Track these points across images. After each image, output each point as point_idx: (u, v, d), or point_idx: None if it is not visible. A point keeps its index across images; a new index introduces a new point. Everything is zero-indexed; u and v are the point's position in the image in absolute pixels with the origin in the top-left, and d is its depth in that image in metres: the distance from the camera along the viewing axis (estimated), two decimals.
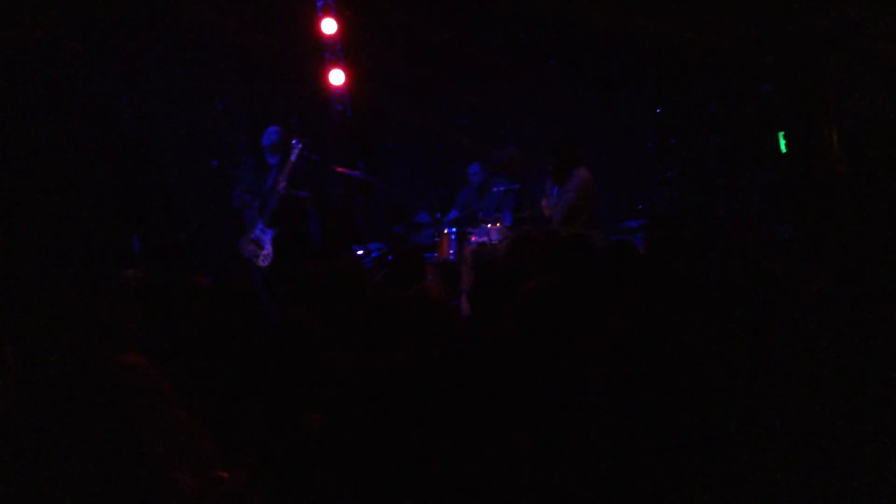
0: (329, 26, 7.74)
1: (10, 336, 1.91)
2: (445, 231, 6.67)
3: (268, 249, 6.20)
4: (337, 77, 7.90)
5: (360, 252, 7.19)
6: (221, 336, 2.88)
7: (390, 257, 6.84)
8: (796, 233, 5.53)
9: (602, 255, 3.10)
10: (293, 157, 6.18)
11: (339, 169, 7.23)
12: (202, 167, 7.72)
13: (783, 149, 6.38)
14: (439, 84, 8.04)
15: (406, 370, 2.36)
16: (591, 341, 2.37)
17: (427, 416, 2.28)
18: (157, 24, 7.40)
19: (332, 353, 2.61)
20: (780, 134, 6.35)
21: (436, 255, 6.70)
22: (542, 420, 2.22)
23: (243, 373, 2.62)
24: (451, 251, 6.55)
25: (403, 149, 8.65)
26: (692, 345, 2.22)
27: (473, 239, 6.39)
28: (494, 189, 6.85)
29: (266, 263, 6.19)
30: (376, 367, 2.46)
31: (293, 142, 6.21)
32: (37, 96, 6.74)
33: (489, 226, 6.38)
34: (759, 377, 2.21)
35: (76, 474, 1.49)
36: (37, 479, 1.48)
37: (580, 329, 2.40)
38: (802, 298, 2.61)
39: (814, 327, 2.41)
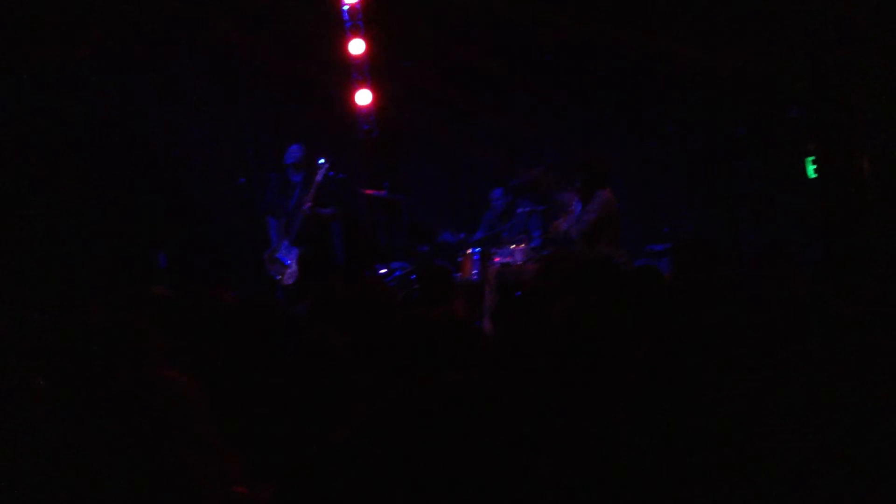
0: (357, 47, 7.81)
1: (41, 358, 1.94)
2: (469, 251, 6.67)
3: (293, 268, 6.25)
4: (364, 97, 7.96)
5: (383, 271, 7.20)
6: (246, 353, 2.89)
7: (413, 276, 6.85)
8: (825, 258, 5.47)
9: (628, 280, 3.09)
10: (319, 178, 6.22)
11: (365, 191, 7.28)
12: (230, 184, 7.80)
13: (811, 174, 6.32)
14: (465, 104, 8.07)
15: (430, 393, 2.36)
16: (617, 367, 2.36)
17: (451, 437, 2.27)
18: (187, 44, 7.52)
19: (357, 372, 2.61)
20: (808, 159, 6.29)
21: (459, 274, 6.70)
22: (566, 444, 2.20)
23: (267, 389, 2.63)
24: (475, 271, 6.55)
25: (429, 169, 8.67)
26: (719, 372, 2.20)
27: (497, 259, 6.38)
28: (519, 210, 6.85)
29: (291, 281, 6.23)
30: (402, 390, 2.46)
31: (319, 161, 6.26)
32: (70, 114, 6.87)
33: (513, 246, 6.37)
34: (788, 404, 2.19)
35: (108, 490, 1.50)
36: (69, 493, 1.49)
37: (607, 354, 2.38)
38: (831, 325, 2.58)
39: (841, 355, 2.38)
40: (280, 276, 6.31)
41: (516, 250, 6.30)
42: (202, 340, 2.87)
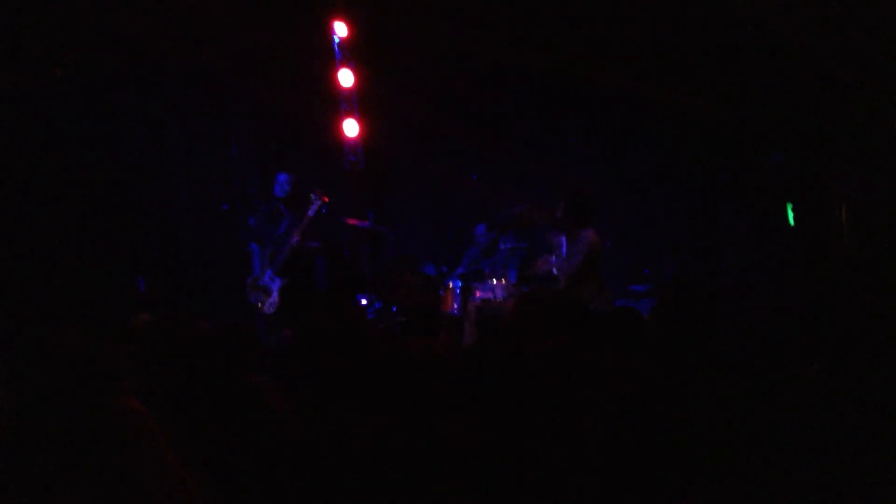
0: (346, 78, 7.87)
1: (9, 375, 1.91)
2: (450, 285, 6.67)
3: (274, 297, 6.23)
4: (351, 128, 8.00)
5: (364, 302, 7.18)
6: (220, 382, 2.86)
7: (395, 308, 6.84)
8: (803, 304, 5.52)
9: (606, 321, 3.10)
10: (311, 212, 6.22)
11: (349, 221, 7.29)
12: (213, 210, 7.78)
13: (791, 221, 6.40)
14: (452, 138, 8.14)
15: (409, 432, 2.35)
16: (593, 408, 2.36)
17: (429, 472, 2.25)
18: (177, 70, 7.54)
19: (334, 407, 2.59)
20: (789, 206, 6.38)
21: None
22: (542, 483, 2.20)
23: (241, 419, 2.60)
24: (456, 305, 6.54)
25: (413, 201, 8.70)
26: (695, 415, 2.21)
27: (478, 294, 6.39)
28: (502, 246, 6.87)
29: (272, 311, 6.21)
30: (379, 426, 2.44)
31: (312, 196, 6.26)
32: (53, 135, 6.84)
33: (494, 282, 6.38)
34: (760, 446, 2.20)
35: None
36: None
37: (583, 395, 2.38)
38: (808, 368, 2.61)
39: (818, 398, 2.40)
40: (261, 304, 6.29)
41: (497, 286, 6.31)
42: (177, 369, 2.84)
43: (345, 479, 2.28)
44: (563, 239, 5.49)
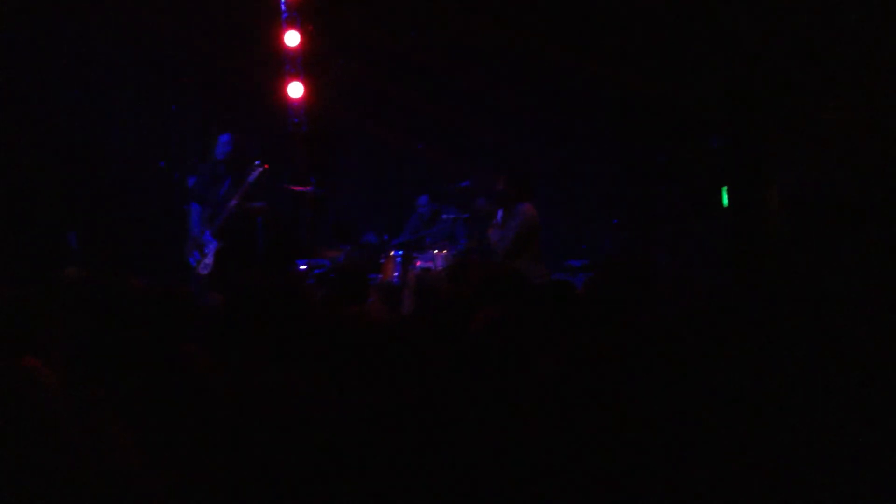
0: (292, 38, 7.72)
1: None
2: (391, 254, 6.68)
3: (209, 259, 6.16)
4: (296, 90, 7.87)
5: (303, 267, 7.14)
6: (153, 341, 2.82)
7: (333, 275, 6.81)
8: (729, 284, 5.69)
9: (541, 293, 3.15)
10: (251, 178, 6.15)
11: (292, 188, 7.22)
12: (150, 167, 7.60)
13: (725, 203, 6.56)
14: (399, 106, 8.09)
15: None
16: (525, 377, 2.41)
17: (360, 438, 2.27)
18: (118, 22, 7.30)
19: (267, 370, 2.59)
20: (724, 189, 6.54)
21: (379, 276, 6.69)
22: (471, 451, 2.23)
23: (172, 379, 2.58)
24: (396, 274, 6.55)
25: (356, 167, 8.64)
26: (623, 389, 2.27)
27: (419, 264, 6.41)
28: (444, 216, 6.89)
29: (205, 272, 6.14)
30: (314, 389, 2.44)
31: (256, 162, 6.18)
32: None
33: (436, 252, 6.40)
34: (686, 423, 2.28)
35: None
36: None
37: (515, 364, 2.43)
38: (729, 348, 2.70)
39: (738, 374, 2.49)
40: (196, 264, 6.21)
41: (438, 256, 6.34)
42: (106, 326, 2.79)
43: (276, 443, 2.28)
44: (500, 211, 5.55)
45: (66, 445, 1.51)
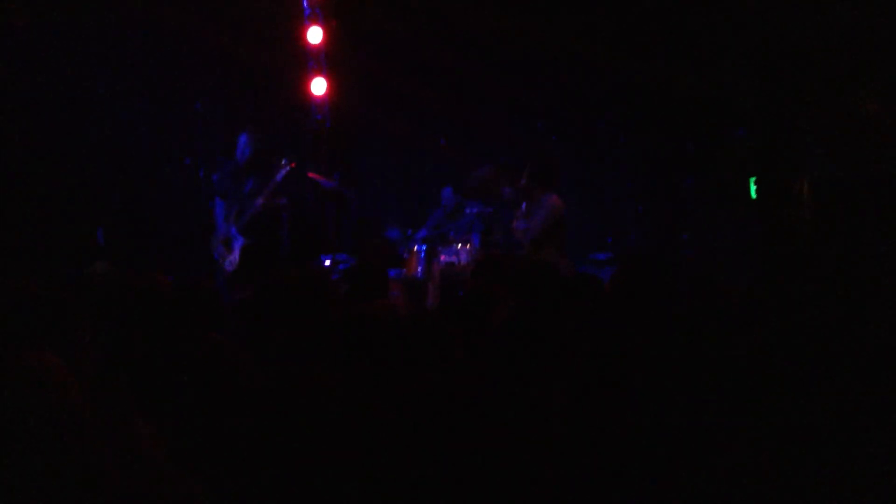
0: (315, 35, 7.73)
1: None
2: (415, 248, 6.67)
3: (235, 256, 6.17)
4: (319, 86, 7.88)
5: (328, 262, 7.15)
6: (179, 338, 2.83)
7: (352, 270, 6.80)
8: (758, 277, 5.61)
9: (568, 286, 3.12)
10: (279, 178, 6.14)
11: (314, 175, 7.20)
12: (176, 164, 7.65)
13: (753, 194, 6.47)
14: (421, 100, 8.07)
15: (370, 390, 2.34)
16: (553, 371, 2.38)
17: (388, 433, 2.26)
18: (142, 20, 7.35)
19: (293, 364, 2.59)
20: (752, 180, 6.45)
21: (403, 271, 6.69)
22: (497, 451, 2.22)
23: (196, 376, 2.59)
24: (420, 268, 6.55)
25: (380, 162, 8.64)
26: (651, 384, 2.24)
27: (443, 258, 6.39)
28: (467, 210, 6.87)
29: (231, 269, 6.16)
30: (339, 382, 2.44)
31: (282, 161, 6.17)
32: (14, 86, 6.66)
33: (459, 246, 6.38)
34: (714, 416, 2.24)
35: None
36: None
37: (543, 358, 2.40)
38: (757, 342, 2.66)
39: (766, 367, 2.45)
40: (222, 260, 6.24)
41: (462, 250, 6.32)
42: (133, 322, 2.81)
43: (303, 437, 2.27)
44: (524, 204, 5.53)
45: (83, 443, 1.50)
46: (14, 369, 1.53)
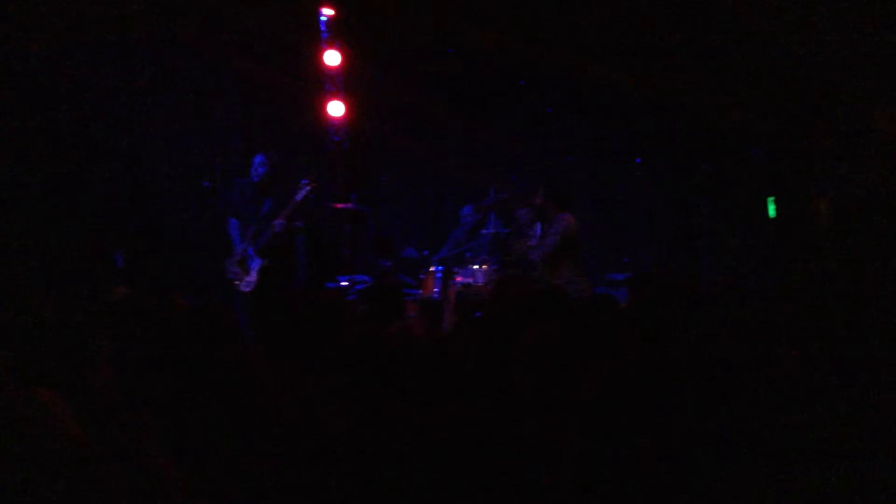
0: (332, 58, 7.81)
1: None
2: (431, 269, 6.67)
3: (252, 277, 6.16)
4: (336, 108, 7.94)
5: (345, 283, 7.16)
6: (194, 360, 2.85)
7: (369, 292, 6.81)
8: (777, 296, 5.57)
9: (584, 308, 3.11)
10: (298, 198, 6.14)
11: (334, 205, 7.25)
12: (193, 187, 7.72)
13: (772, 213, 6.44)
14: (437, 121, 8.12)
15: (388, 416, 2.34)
16: (569, 398, 2.37)
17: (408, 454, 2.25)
18: (159, 43, 7.45)
19: (309, 388, 2.59)
20: (770, 199, 6.42)
21: (420, 292, 6.69)
22: (509, 477, 2.21)
23: (215, 399, 2.59)
24: (436, 290, 6.54)
25: (396, 183, 8.68)
26: (668, 406, 2.22)
27: (459, 279, 6.39)
28: (484, 231, 6.87)
29: (248, 290, 6.15)
30: (357, 407, 2.44)
31: (302, 181, 6.18)
32: (34, 111, 6.76)
33: (476, 267, 6.37)
34: (732, 438, 2.22)
35: None
36: None
37: (564, 385, 2.39)
38: (778, 363, 2.63)
39: (787, 389, 2.43)
40: (238, 282, 6.24)
41: (478, 271, 6.31)
42: (152, 345, 2.83)
43: (318, 460, 2.27)
44: (539, 225, 5.51)
45: (81, 475, 1.51)
46: (10, 405, 1.54)
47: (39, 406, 1.56)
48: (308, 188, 6.15)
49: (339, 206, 7.26)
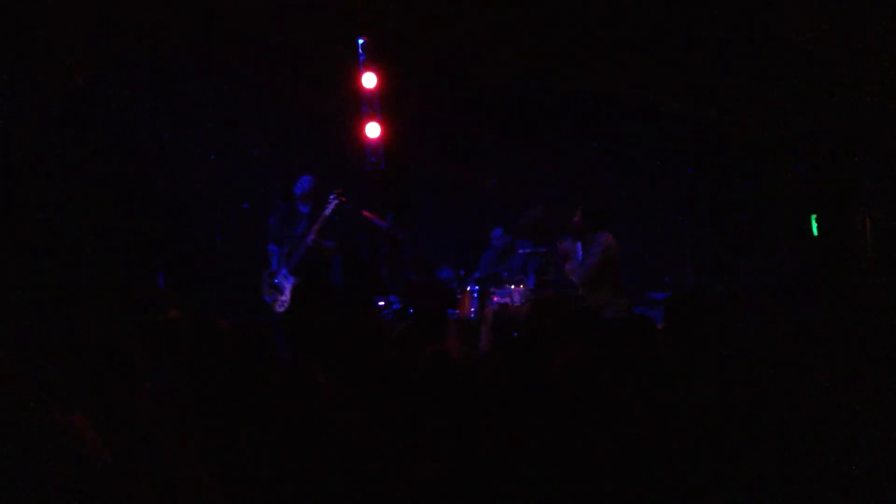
0: (369, 80, 7.91)
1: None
2: (468, 289, 6.68)
3: (286, 296, 6.20)
4: (373, 130, 8.03)
5: (381, 304, 7.20)
6: (235, 379, 2.89)
7: (411, 311, 6.84)
8: (821, 315, 5.47)
9: (618, 330, 3.09)
10: (327, 212, 6.17)
11: (367, 214, 7.24)
12: (234, 210, 7.84)
13: (815, 232, 6.34)
14: (473, 142, 8.16)
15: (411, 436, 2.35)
16: (606, 414, 2.37)
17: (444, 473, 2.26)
18: (200, 67, 7.61)
19: (344, 408, 2.61)
20: (813, 217, 6.32)
21: (457, 312, 6.69)
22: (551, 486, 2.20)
23: (251, 418, 2.62)
24: (473, 309, 6.55)
25: (433, 204, 8.72)
26: (702, 428, 2.21)
27: (496, 299, 6.38)
28: (520, 251, 6.87)
29: (282, 309, 6.18)
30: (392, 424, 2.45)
31: (330, 196, 6.21)
32: (80, 134, 6.92)
33: (512, 287, 6.37)
34: (770, 457, 2.19)
35: None
36: None
37: (598, 405, 2.39)
38: (818, 384, 2.60)
39: (833, 409, 2.39)
40: (273, 302, 6.29)
41: (515, 291, 6.31)
42: (194, 365, 2.88)
43: (356, 479, 2.29)
44: (579, 245, 5.47)
45: (111, 495, 1.54)
46: (44, 430, 1.57)
47: (70, 432, 1.59)
48: (336, 202, 6.17)
49: (370, 214, 7.24)
